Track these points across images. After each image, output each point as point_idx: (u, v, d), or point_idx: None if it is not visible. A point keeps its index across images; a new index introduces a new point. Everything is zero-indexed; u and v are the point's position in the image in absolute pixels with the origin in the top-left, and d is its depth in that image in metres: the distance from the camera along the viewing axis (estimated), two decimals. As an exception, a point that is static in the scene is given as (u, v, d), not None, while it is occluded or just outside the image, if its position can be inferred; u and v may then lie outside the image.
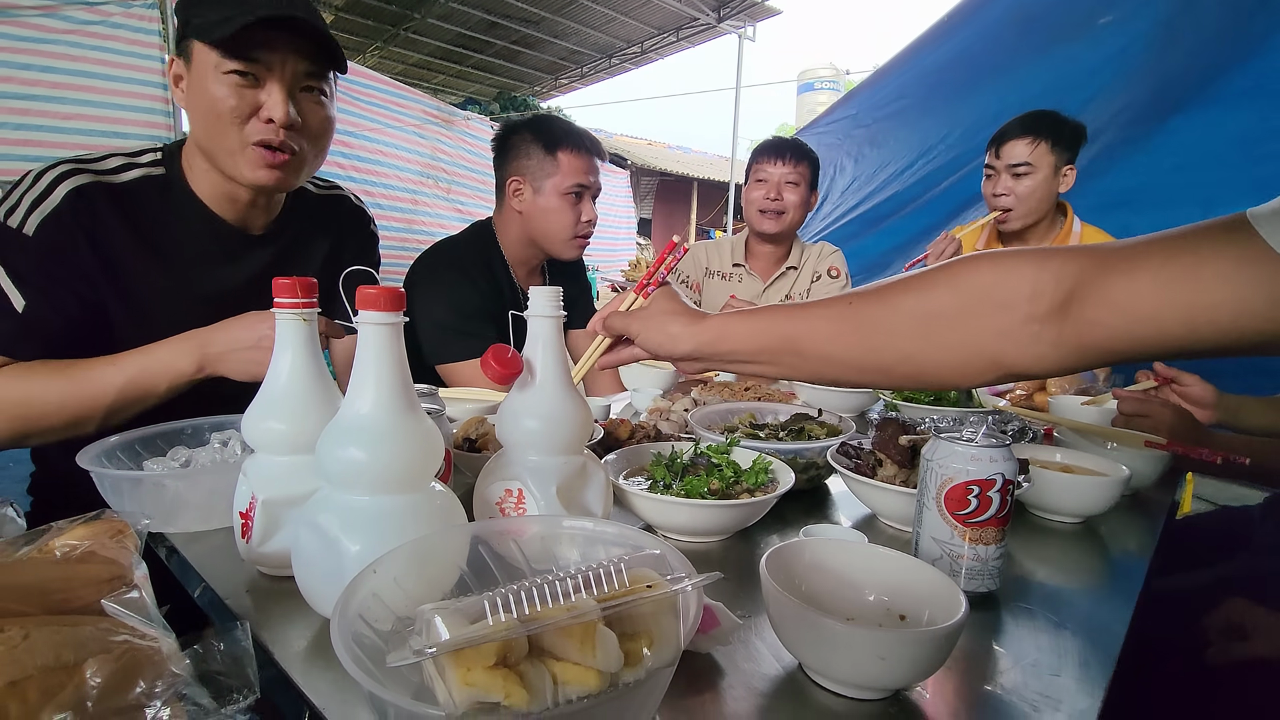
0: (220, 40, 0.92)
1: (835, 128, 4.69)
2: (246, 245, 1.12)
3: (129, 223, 1.01)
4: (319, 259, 1.23)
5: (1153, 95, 2.74)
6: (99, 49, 4.34)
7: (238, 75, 0.95)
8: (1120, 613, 0.69)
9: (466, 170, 6.67)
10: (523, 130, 1.57)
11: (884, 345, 0.65)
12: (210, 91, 0.95)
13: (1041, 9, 3.26)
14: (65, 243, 0.96)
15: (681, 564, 0.45)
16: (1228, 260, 0.49)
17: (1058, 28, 3.17)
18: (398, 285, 0.71)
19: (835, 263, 2.18)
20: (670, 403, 1.33)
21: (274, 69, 0.96)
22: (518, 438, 0.72)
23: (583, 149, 1.55)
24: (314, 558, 0.57)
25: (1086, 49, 3.02)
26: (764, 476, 0.86)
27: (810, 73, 14.59)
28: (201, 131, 1.00)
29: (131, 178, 1.02)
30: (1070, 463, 0.98)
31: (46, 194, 0.96)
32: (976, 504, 0.66)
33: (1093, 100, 2.94)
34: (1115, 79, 2.89)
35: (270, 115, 0.96)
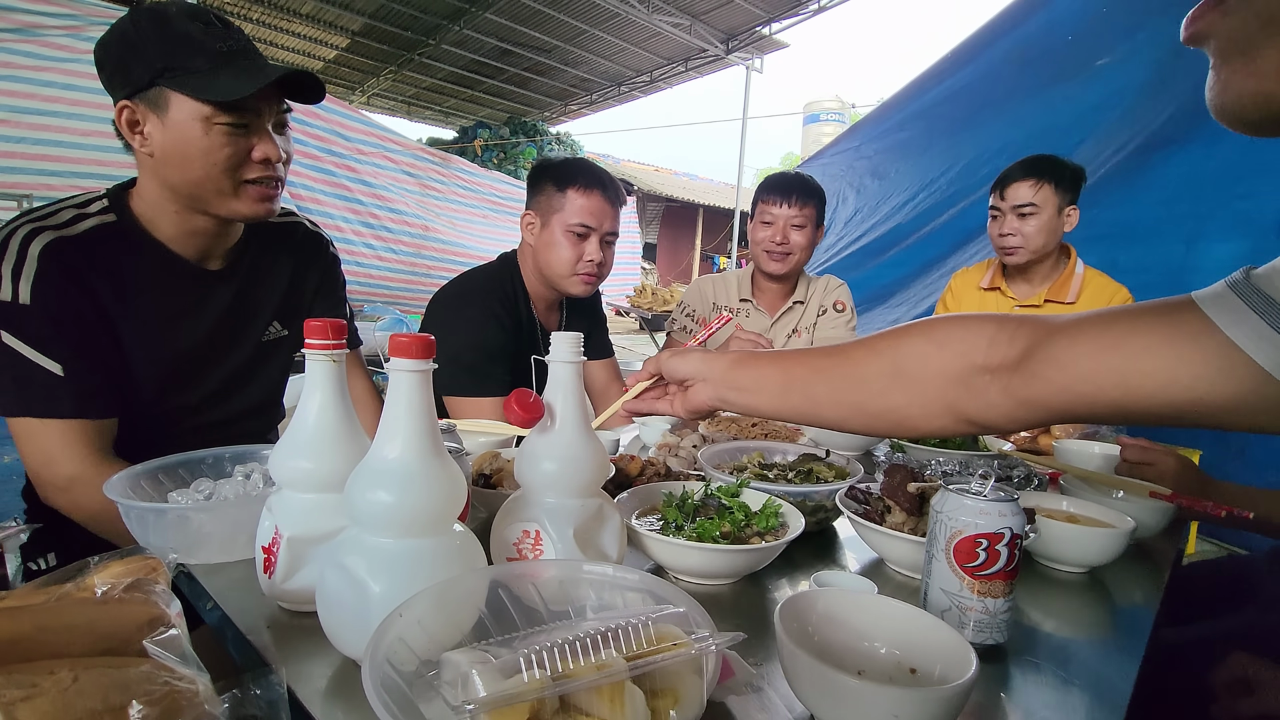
0: (228, 101, 0.96)
1: (839, 158, 4.78)
2: (207, 280, 1.14)
3: (95, 271, 1.01)
4: (282, 285, 1.25)
5: (1142, 134, 2.80)
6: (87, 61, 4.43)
7: (231, 125, 0.99)
8: (1126, 668, 0.70)
9: (462, 205, 6.79)
10: (548, 168, 1.62)
11: (861, 382, 0.72)
12: (200, 143, 0.97)
13: (1040, 50, 3.35)
14: (63, 300, 0.97)
15: (705, 621, 0.46)
16: (1159, 335, 0.54)
17: (1056, 68, 3.25)
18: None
19: (841, 297, 2.19)
20: (679, 438, 1.35)
21: (262, 114, 1.02)
22: (536, 480, 0.73)
23: (594, 189, 1.57)
24: (339, 598, 0.59)
25: (1083, 89, 3.10)
26: (774, 520, 0.87)
27: (816, 104, 14.83)
28: (184, 180, 1.01)
29: (86, 227, 1.02)
30: (1076, 512, 0.99)
31: (21, 259, 0.95)
32: (985, 557, 0.67)
33: (1088, 138, 3.01)
34: (1109, 118, 2.96)
35: (265, 156, 1.02)
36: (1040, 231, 1.90)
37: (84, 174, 4.28)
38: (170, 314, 1.10)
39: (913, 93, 4.13)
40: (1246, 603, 1.19)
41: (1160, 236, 2.67)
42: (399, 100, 12.12)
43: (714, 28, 8.61)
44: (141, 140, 1.00)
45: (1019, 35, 3.42)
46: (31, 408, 0.96)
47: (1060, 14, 3.20)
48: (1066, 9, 3.17)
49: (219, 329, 1.15)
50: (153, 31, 0.96)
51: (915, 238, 3.91)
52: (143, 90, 0.97)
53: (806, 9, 8.09)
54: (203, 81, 0.95)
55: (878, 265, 4.07)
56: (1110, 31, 2.98)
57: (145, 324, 1.07)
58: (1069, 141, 2.96)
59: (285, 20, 8.51)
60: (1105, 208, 2.82)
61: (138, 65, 0.96)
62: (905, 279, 3.91)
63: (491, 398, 1.49)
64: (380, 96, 11.78)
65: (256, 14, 8.37)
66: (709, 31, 8.62)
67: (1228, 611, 1.14)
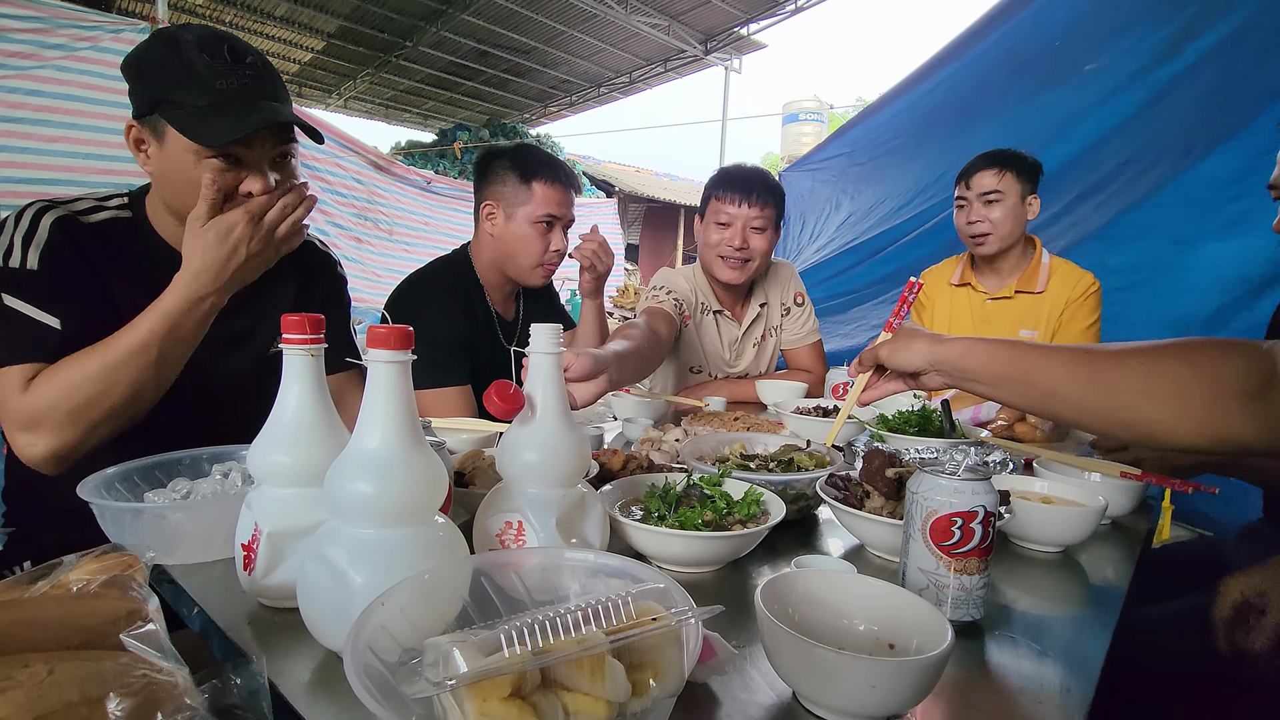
0: (212, 146, 0.97)
1: (831, 164, 4.80)
2: None
3: (104, 257, 1.05)
4: (289, 297, 1.27)
5: (1132, 139, 2.85)
6: (86, 72, 4.37)
7: (220, 160, 1.00)
8: (1099, 640, 0.71)
9: (406, 213, 6.75)
10: (503, 157, 1.62)
11: (1109, 391, 0.75)
12: (190, 174, 0.99)
13: (1029, 55, 3.38)
14: (67, 268, 1.00)
15: (683, 598, 0.47)
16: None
17: (1045, 73, 3.28)
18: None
19: (797, 286, 2.14)
20: (662, 433, 1.36)
21: (255, 149, 1.02)
22: (518, 470, 0.74)
23: (557, 181, 1.59)
24: (321, 590, 0.59)
25: (1073, 94, 3.13)
26: (756, 508, 0.88)
27: (794, 104, 14.92)
28: (175, 200, 1.05)
29: (102, 218, 1.07)
30: (1050, 493, 1.01)
31: (33, 230, 0.99)
32: (960, 535, 0.69)
33: (1079, 143, 3.04)
34: (1099, 123, 3.01)
35: (251, 190, 1.02)
36: (1007, 217, 1.94)
37: (52, 180, 4.19)
38: None
39: (900, 97, 4.16)
40: (1216, 579, 1.22)
41: (1150, 237, 2.71)
42: (377, 103, 12.01)
43: (692, 28, 8.64)
44: (144, 159, 1.04)
45: (1008, 38, 3.46)
46: (16, 355, 0.95)
47: (1047, 18, 3.24)
48: (1053, 13, 3.22)
49: (222, 333, 1.14)
50: (161, 59, 0.99)
51: (909, 238, 3.95)
52: (145, 115, 1.00)
53: (784, 9, 8.15)
54: (193, 120, 0.97)
55: (871, 263, 4.11)
56: (1096, 37, 3.02)
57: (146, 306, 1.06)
58: (1060, 146, 3.00)
59: (258, 23, 8.40)
60: (1096, 212, 2.87)
61: (142, 91, 1.00)
62: (896, 274, 3.95)
63: (453, 388, 1.50)
64: (357, 100, 11.67)
65: (229, 16, 8.26)
66: (687, 32, 8.65)
67: (1199, 588, 1.17)
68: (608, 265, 1.71)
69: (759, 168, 1.95)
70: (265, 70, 1.04)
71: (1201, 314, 2.45)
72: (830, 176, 4.67)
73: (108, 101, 4.46)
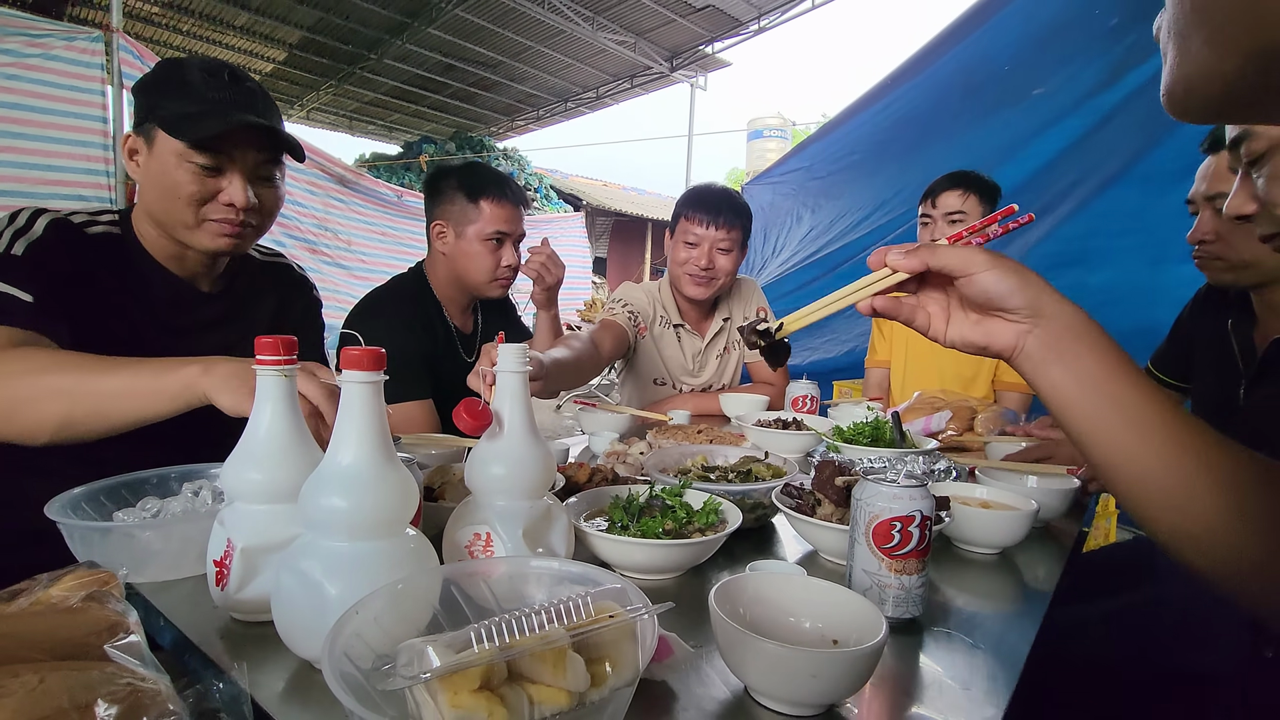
0: (192, 139, 1.02)
1: (790, 178, 4.92)
2: (199, 300, 1.20)
3: (96, 266, 1.07)
4: (266, 318, 1.31)
5: (1079, 160, 2.98)
6: (37, 81, 4.27)
7: (202, 166, 1.04)
8: (1026, 634, 0.78)
9: (364, 224, 6.67)
10: (450, 176, 1.66)
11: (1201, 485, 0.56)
12: (172, 175, 1.04)
13: (982, 77, 3.52)
14: (51, 263, 1.02)
15: (639, 597, 0.51)
16: None
17: (996, 96, 3.42)
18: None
19: (761, 302, 2.23)
20: (627, 446, 1.40)
21: (236, 160, 1.07)
22: (486, 484, 0.77)
23: (505, 198, 1.63)
24: (296, 601, 0.61)
25: (1023, 116, 3.27)
26: (714, 517, 0.92)
27: (759, 121, 15.23)
28: (158, 206, 1.09)
29: (96, 231, 1.10)
30: (989, 499, 1.08)
31: (28, 226, 1.03)
32: (899, 538, 0.74)
33: (1030, 164, 3.17)
34: (1052, 145, 3.14)
35: (231, 200, 1.07)
36: None
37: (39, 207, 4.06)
38: (160, 313, 1.15)
39: (858, 115, 4.29)
40: (1145, 578, 1.30)
41: (1126, 259, 2.82)
42: (340, 115, 11.90)
43: (658, 46, 8.80)
44: (135, 168, 1.10)
45: (958, 62, 3.60)
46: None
47: (997, 43, 3.38)
48: (1002, 38, 3.36)
49: (202, 350, 1.13)
50: (164, 76, 1.07)
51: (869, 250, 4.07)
52: (142, 124, 1.06)
53: (747, 29, 8.36)
54: (180, 120, 1.02)
55: (833, 276, 4.22)
56: (1043, 63, 3.17)
57: (132, 330, 1.10)
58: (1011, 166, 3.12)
59: (217, 32, 8.28)
60: (1067, 237, 2.98)
61: (142, 102, 1.07)
62: (859, 290, 4.06)
63: (414, 401, 1.53)
64: (321, 111, 11.55)
65: (186, 25, 8.12)
66: (653, 49, 8.80)
67: (1128, 586, 1.26)
68: (557, 277, 1.74)
69: (728, 189, 2.02)
70: (261, 94, 1.11)
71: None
72: (790, 190, 4.79)
73: (58, 111, 4.35)
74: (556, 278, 1.75)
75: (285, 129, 1.13)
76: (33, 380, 0.89)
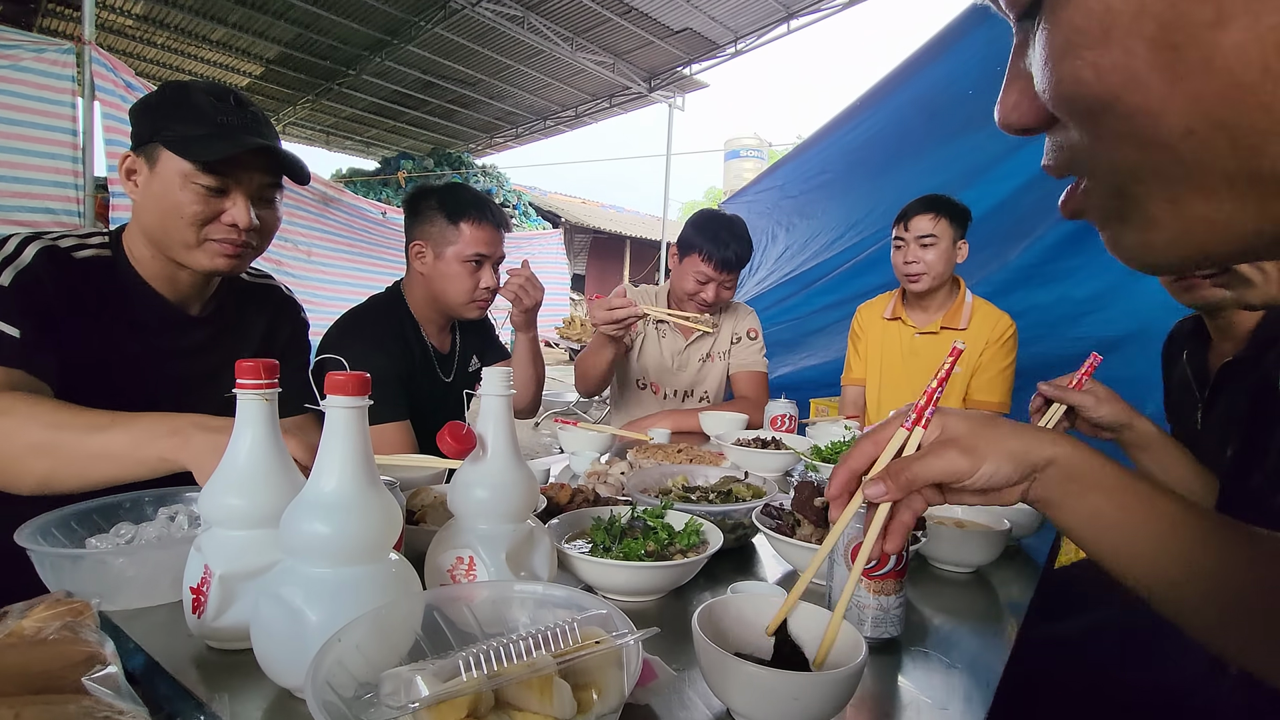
0: (202, 161, 1.03)
1: (764, 197, 5.02)
2: (188, 324, 1.20)
3: (87, 292, 1.06)
4: (255, 340, 1.30)
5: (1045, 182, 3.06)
6: (5, 92, 4.19)
7: (206, 188, 1.05)
8: (1000, 652, 0.79)
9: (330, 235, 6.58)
10: (430, 197, 1.66)
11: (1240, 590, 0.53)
12: (175, 196, 1.05)
13: (944, 101, 3.62)
14: (40, 293, 1.01)
15: (624, 622, 0.51)
16: None
17: (961, 119, 3.51)
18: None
19: (752, 324, 2.35)
20: (608, 466, 1.40)
21: (241, 181, 1.08)
22: (469, 507, 0.77)
23: (485, 220, 1.64)
24: (276, 629, 0.61)
25: (988, 140, 3.36)
26: (695, 538, 0.93)
27: (736, 141, 15.49)
28: (157, 225, 1.08)
29: (85, 255, 1.09)
30: (965, 518, 1.10)
31: (16, 254, 1.02)
32: (877, 559, 0.76)
33: (997, 186, 3.26)
34: (1023, 168, 3.23)
35: (234, 221, 1.08)
36: (939, 260, 2.11)
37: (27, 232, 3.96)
38: (148, 337, 1.14)
39: (829, 136, 4.40)
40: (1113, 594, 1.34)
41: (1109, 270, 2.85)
42: (317, 129, 11.82)
43: (637, 66, 8.91)
44: (132, 188, 1.09)
45: (923, 85, 3.70)
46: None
47: (958, 68, 3.49)
48: (964, 64, 3.47)
49: (187, 374, 1.18)
50: (170, 99, 1.08)
51: (843, 269, 4.14)
52: (144, 144, 1.06)
53: (724, 52, 8.51)
54: (189, 142, 1.03)
55: (807, 293, 4.30)
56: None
57: (123, 355, 1.10)
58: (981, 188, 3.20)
59: (193, 46, 8.20)
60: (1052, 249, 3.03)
61: (145, 122, 1.07)
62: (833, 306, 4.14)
63: (391, 423, 1.52)
64: (297, 125, 11.46)
65: (161, 38, 8.04)
66: (632, 70, 8.91)
67: (1097, 603, 1.28)
68: (535, 299, 1.77)
69: (737, 227, 2.10)
70: (264, 119, 1.13)
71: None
72: (764, 209, 4.88)
73: (26, 122, 4.26)
74: (535, 300, 1.76)
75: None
76: (16, 435, 0.89)
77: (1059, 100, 0.30)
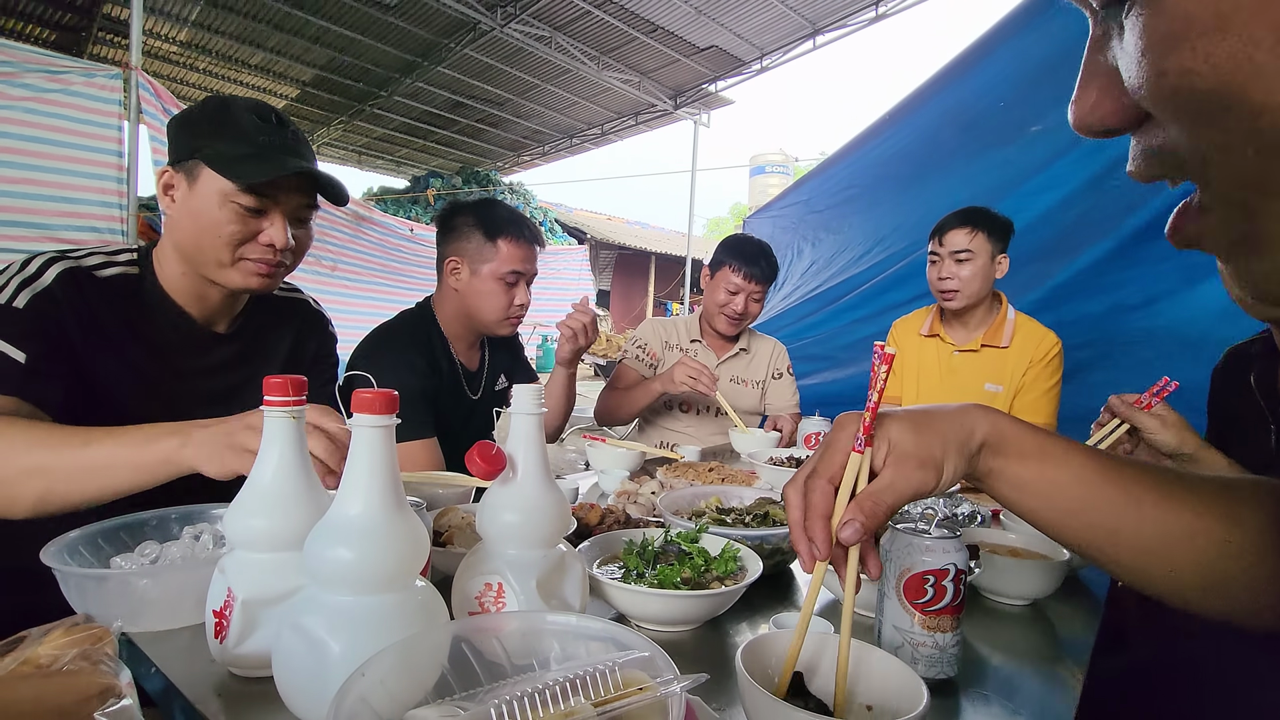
0: (246, 183, 1.02)
1: (789, 212, 4.98)
2: (213, 342, 1.19)
3: (108, 312, 1.05)
4: (281, 355, 1.29)
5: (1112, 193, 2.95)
6: (56, 115, 4.35)
7: (245, 208, 1.05)
8: (1069, 697, 0.73)
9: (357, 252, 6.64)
10: (466, 213, 1.65)
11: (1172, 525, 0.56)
12: (214, 214, 1.04)
13: (975, 115, 3.56)
14: (54, 317, 0.99)
15: (668, 666, 0.47)
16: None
17: (993, 133, 3.44)
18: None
19: (788, 361, 2.40)
20: (638, 485, 1.36)
21: (280, 202, 1.08)
22: (498, 531, 0.74)
23: (523, 238, 1.64)
24: (297, 660, 0.58)
25: (1020, 153, 3.28)
26: (733, 564, 0.89)
27: (761, 157, 15.48)
28: (191, 242, 1.08)
29: (111, 274, 1.08)
30: (1019, 545, 1.04)
31: (37, 276, 1.00)
32: (933, 593, 0.71)
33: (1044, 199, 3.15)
34: (1051, 181, 3.14)
35: (272, 241, 1.07)
36: (975, 276, 2.03)
37: (13, 222, 4.12)
38: (173, 357, 1.13)
39: (855, 151, 4.36)
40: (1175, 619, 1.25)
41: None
42: (350, 150, 12.10)
43: (662, 84, 8.97)
44: (169, 203, 1.08)
45: (953, 99, 3.64)
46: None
47: (991, 80, 3.42)
48: (996, 76, 3.40)
49: (216, 382, 1.17)
50: (211, 113, 1.07)
51: (869, 286, 4.08)
52: (183, 160, 1.05)
53: (749, 69, 8.52)
54: (231, 162, 1.03)
55: (832, 310, 4.23)
56: (1040, 100, 3.19)
57: (142, 375, 1.09)
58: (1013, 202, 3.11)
59: (233, 70, 8.47)
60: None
61: (186, 139, 1.06)
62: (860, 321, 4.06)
63: (418, 440, 1.50)
64: (331, 146, 11.75)
65: (203, 64, 8.32)
66: (657, 88, 8.97)
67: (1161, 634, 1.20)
68: (590, 341, 1.77)
69: (765, 248, 2.22)
70: (303, 139, 1.13)
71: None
72: (789, 223, 4.84)
73: (75, 144, 4.43)
74: (590, 341, 1.77)
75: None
76: (9, 458, 0.86)
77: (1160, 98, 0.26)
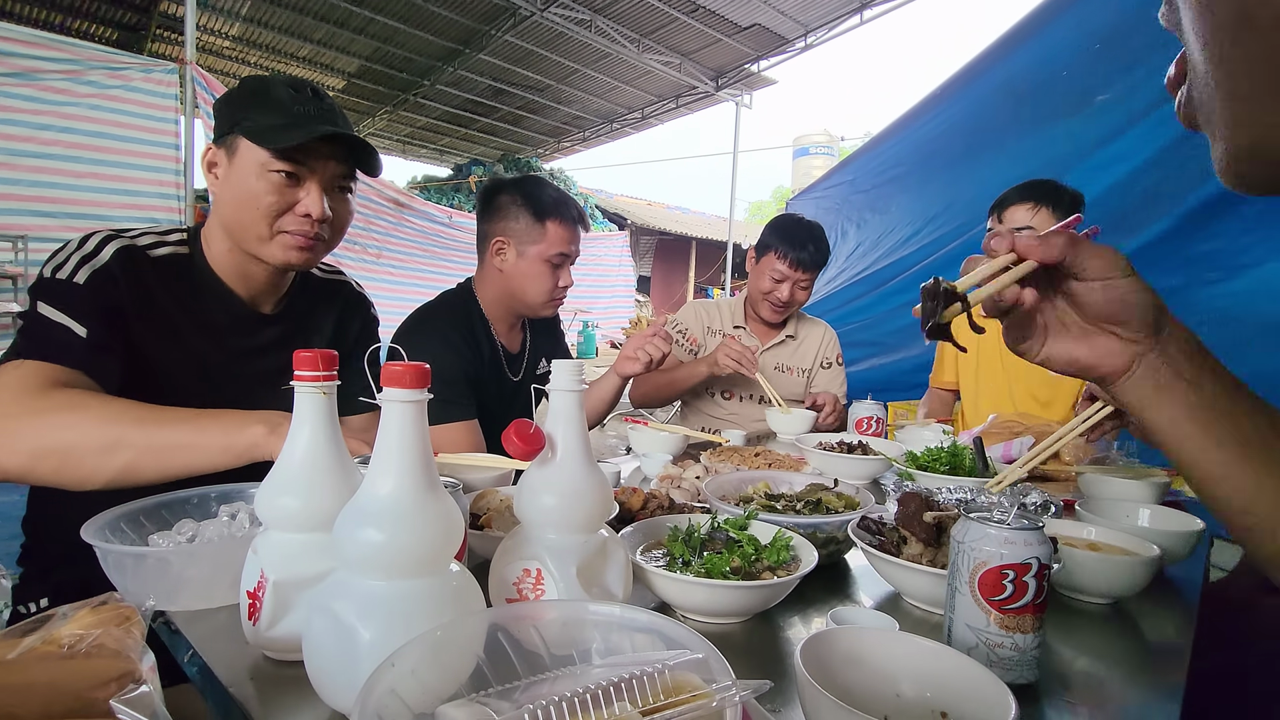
0: (278, 147, 1.02)
1: (834, 193, 4.82)
2: (258, 322, 1.19)
3: (162, 291, 1.07)
4: (326, 336, 1.29)
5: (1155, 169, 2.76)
6: (117, 110, 4.52)
7: (282, 175, 1.04)
8: (1168, 707, 0.65)
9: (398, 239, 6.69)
10: (512, 191, 1.61)
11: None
12: (252, 185, 1.04)
13: (1032, 85, 3.35)
14: (113, 293, 1.01)
15: (723, 670, 0.42)
16: None
17: (1052, 104, 3.23)
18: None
19: (837, 349, 2.28)
20: (681, 469, 1.31)
21: (315, 171, 1.07)
22: (537, 515, 0.70)
23: (570, 219, 1.60)
24: (327, 647, 0.55)
25: (1084, 125, 3.07)
26: (786, 554, 0.83)
27: (805, 138, 15.12)
28: (233, 216, 1.08)
29: (162, 253, 1.10)
30: (1098, 539, 0.95)
31: (95, 253, 1.02)
32: (1012, 589, 0.64)
33: (1114, 171, 2.95)
34: (1116, 155, 2.93)
35: (308, 211, 1.07)
36: None
37: (79, 214, 4.31)
38: (220, 337, 1.14)
39: (903, 128, 4.18)
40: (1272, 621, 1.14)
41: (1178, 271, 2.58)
42: (394, 139, 12.29)
43: (703, 66, 8.80)
44: (214, 180, 1.09)
45: (1009, 71, 3.43)
46: (33, 351, 0.94)
47: (1050, 49, 3.21)
48: (1058, 44, 3.19)
49: (261, 362, 1.18)
50: (250, 90, 1.08)
51: (918, 268, 3.92)
52: (225, 136, 1.07)
53: (793, 47, 8.29)
54: (266, 130, 1.03)
55: (880, 293, 4.08)
56: (1106, 68, 2.98)
57: (192, 354, 1.10)
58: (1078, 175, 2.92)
59: (281, 63, 8.67)
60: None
61: (226, 115, 1.07)
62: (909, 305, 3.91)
63: (459, 422, 1.49)
64: (376, 136, 11.96)
65: (254, 57, 8.53)
66: (699, 70, 8.81)
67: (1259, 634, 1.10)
68: (652, 358, 1.72)
69: (816, 231, 2.10)
70: (339, 111, 1.13)
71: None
72: (834, 204, 4.68)
73: (136, 139, 4.60)
74: (651, 358, 1.72)
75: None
76: (91, 431, 0.87)
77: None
